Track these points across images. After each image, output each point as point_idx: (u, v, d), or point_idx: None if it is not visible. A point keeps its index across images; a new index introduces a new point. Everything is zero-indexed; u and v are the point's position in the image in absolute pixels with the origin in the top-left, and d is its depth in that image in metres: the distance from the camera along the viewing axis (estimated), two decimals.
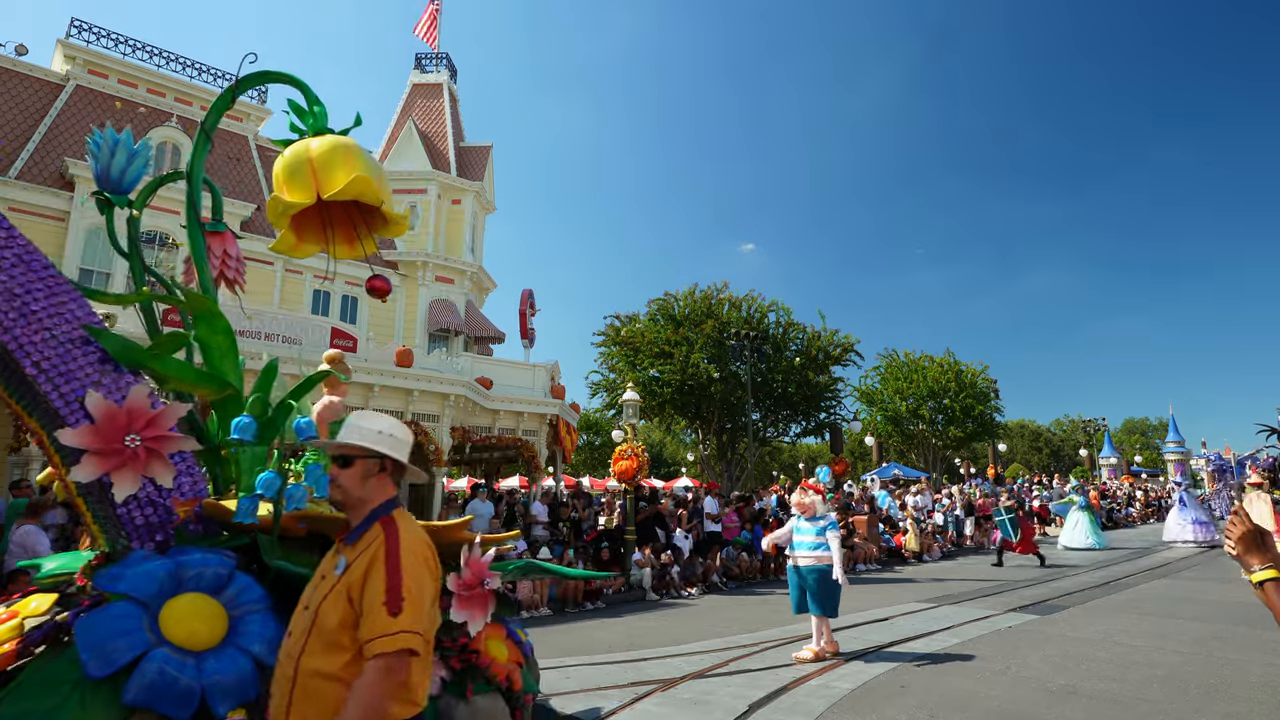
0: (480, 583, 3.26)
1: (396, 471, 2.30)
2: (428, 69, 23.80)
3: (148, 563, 2.82)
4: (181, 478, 3.20)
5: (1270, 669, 6.66)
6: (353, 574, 2.07)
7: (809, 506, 7.85)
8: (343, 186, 3.20)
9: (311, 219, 3.71)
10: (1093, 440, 51.54)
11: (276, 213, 3.35)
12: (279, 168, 3.35)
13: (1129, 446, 66.99)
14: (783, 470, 58.99)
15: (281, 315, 13.23)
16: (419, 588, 2.04)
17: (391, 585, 2.00)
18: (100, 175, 3.75)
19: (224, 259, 4.04)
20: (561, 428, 16.76)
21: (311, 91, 3.56)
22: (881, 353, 40.75)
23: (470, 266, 21.49)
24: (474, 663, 3.17)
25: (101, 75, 17.13)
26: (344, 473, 2.22)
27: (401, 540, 2.09)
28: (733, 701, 5.88)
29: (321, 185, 3.25)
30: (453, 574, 3.22)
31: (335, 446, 2.24)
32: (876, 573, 15.92)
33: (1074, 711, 5.54)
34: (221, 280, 4.08)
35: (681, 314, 27.30)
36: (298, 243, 3.63)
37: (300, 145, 3.35)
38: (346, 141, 3.39)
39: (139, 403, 2.99)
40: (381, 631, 1.94)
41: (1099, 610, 10.15)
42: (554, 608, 11.21)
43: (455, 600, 3.19)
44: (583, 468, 49.93)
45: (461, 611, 3.19)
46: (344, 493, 2.22)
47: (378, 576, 2.02)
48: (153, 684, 2.44)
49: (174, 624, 2.67)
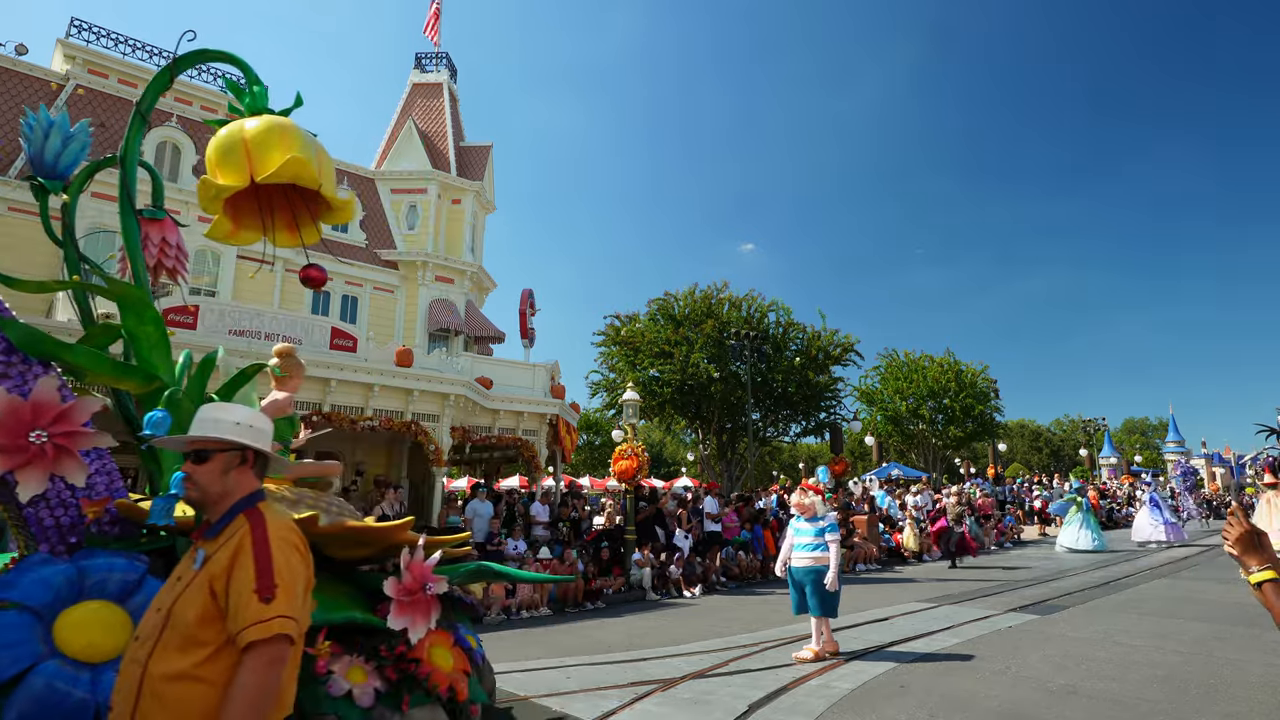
0: (422, 587, 3.10)
1: (260, 464, 2.17)
2: (428, 68, 23.79)
3: (44, 568, 2.62)
4: (96, 477, 2.98)
5: (1270, 669, 6.66)
6: (215, 564, 1.92)
7: (809, 507, 7.84)
8: (277, 169, 3.02)
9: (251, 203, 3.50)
10: (1093, 440, 51.51)
11: (208, 196, 3.17)
12: (211, 148, 3.16)
13: (1129, 446, 66.98)
14: (783, 470, 58.99)
15: (282, 315, 13.23)
16: (291, 573, 1.92)
17: (262, 570, 1.87)
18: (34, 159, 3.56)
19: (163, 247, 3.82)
20: (561, 428, 16.76)
21: (252, 70, 3.39)
22: (881, 353, 40.79)
23: (470, 266, 21.48)
24: (412, 672, 2.99)
25: (101, 75, 17.13)
26: (200, 468, 2.06)
27: (269, 526, 1.97)
28: (733, 701, 5.88)
29: (255, 167, 3.07)
30: (392, 579, 3.08)
31: (189, 441, 2.08)
32: (876, 573, 15.92)
33: (1074, 711, 5.54)
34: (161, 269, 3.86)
35: (681, 314, 27.29)
36: (234, 229, 3.46)
37: (235, 125, 3.17)
38: (283, 122, 3.21)
39: (47, 396, 2.77)
40: (255, 619, 1.81)
41: (1099, 610, 10.15)
42: (554, 608, 11.21)
43: (394, 606, 3.03)
44: (583, 468, 49.93)
45: (401, 618, 3.03)
46: (201, 489, 2.06)
47: (245, 563, 1.88)
48: (40, 699, 2.28)
49: (70, 634, 2.48)
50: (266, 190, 3.48)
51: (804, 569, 7.62)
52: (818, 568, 7.54)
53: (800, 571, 7.64)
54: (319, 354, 12.40)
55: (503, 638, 9.15)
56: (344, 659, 2.87)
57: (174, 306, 11.79)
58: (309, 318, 14.11)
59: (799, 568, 7.67)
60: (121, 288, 3.39)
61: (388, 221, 20.98)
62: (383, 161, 21.97)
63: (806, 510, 7.84)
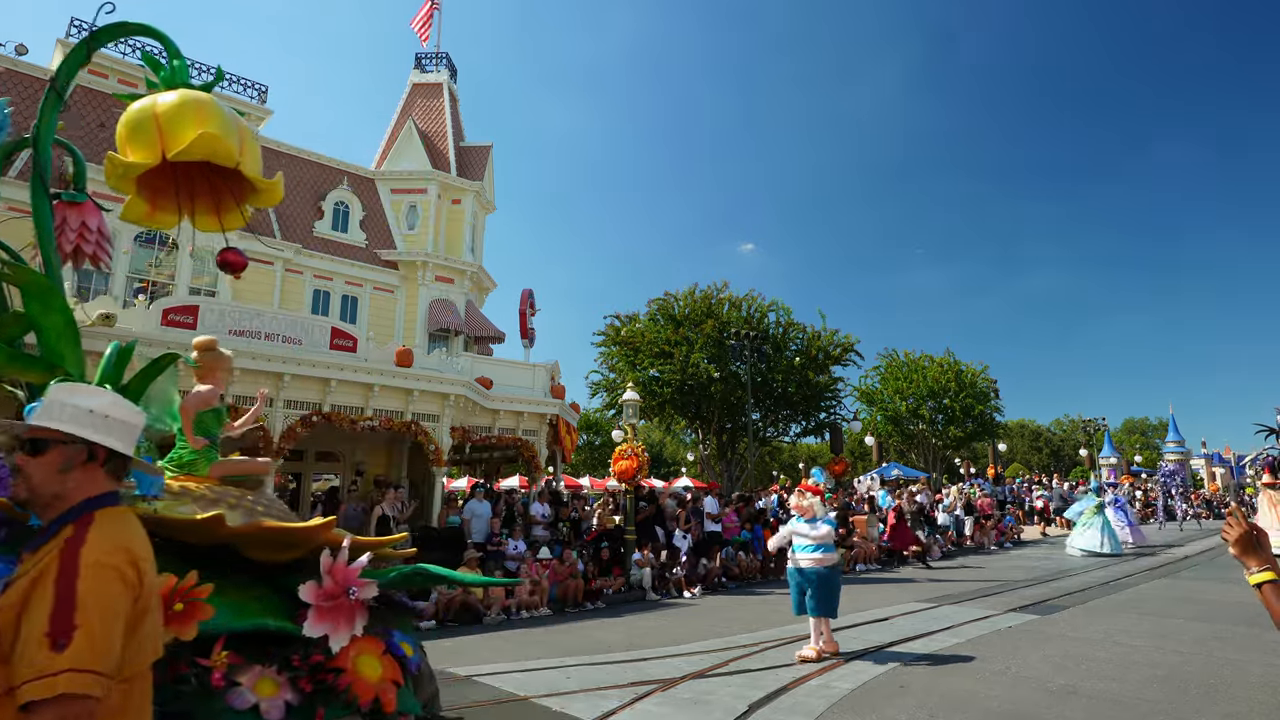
0: (345, 592, 2.91)
1: (115, 463, 1.79)
2: (428, 69, 23.79)
3: None
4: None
5: (1270, 669, 6.66)
6: (11, 594, 1.56)
7: (808, 509, 7.87)
8: (188, 145, 2.85)
9: (169, 183, 3.32)
10: (1093, 440, 51.46)
11: (116, 175, 2.98)
12: (121, 124, 2.99)
13: (1129, 446, 67.00)
14: (783, 470, 58.99)
15: (282, 315, 13.23)
16: (103, 611, 1.53)
17: (60, 607, 1.49)
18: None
19: (82, 232, 3.60)
20: (561, 428, 16.76)
21: (172, 44, 3.25)
22: (881, 353, 40.81)
23: (470, 266, 21.49)
24: (330, 683, 2.78)
25: (101, 75, 17.12)
26: (33, 461, 1.70)
27: (87, 548, 1.58)
28: (733, 701, 5.88)
29: (167, 143, 2.89)
30: (310, 583, 2.88)
31: (25, 428, 1.74)
32: (877, 573, 15.92)
33: (1074, 711, 5.54)
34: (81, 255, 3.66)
35: (681, 314, 27.30)
36: (151, 210, 3.29)
37: (148, 100, 2.99)
38: (199, 96, 3.03)
39: None
40: (37, 672, 1.43)
41: (1099, 610, 10.15)
42: (554, 608, 11.22)
43: (312, 612, 2.84)
44: (583, 468, 49.95)
45: (320, 625, 2.83)
46: (30, 488, 1.70)
47: (44, 595, 1.51)
48: None
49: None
50: (187, 170, 3.30)
51: (806, 569, 7.64)
52: (818, 569, 7.56)
53: (804, 571, 7.67)
54: (319, 354, 12.41)
55: (503, 638, 9.15)
56: (253, 669, 2.67)
57: (174, 306, 11.80)
58: (309, 318, 14.11)
59: (802, 568, 7.69)
60: (25, 275, 3.09)
61: (388, 221, 20.99)
62: (383, 161, 21.97)
63: (806, 511, 7.86)
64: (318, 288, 18.99)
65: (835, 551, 7.85)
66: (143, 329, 10.80)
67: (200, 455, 3.59)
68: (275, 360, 11.77)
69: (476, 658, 7.74)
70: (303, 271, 18.62)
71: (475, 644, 8.73)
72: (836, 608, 7.66)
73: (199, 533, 2.93)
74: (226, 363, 3.85)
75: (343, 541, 3.07)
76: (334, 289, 19.29)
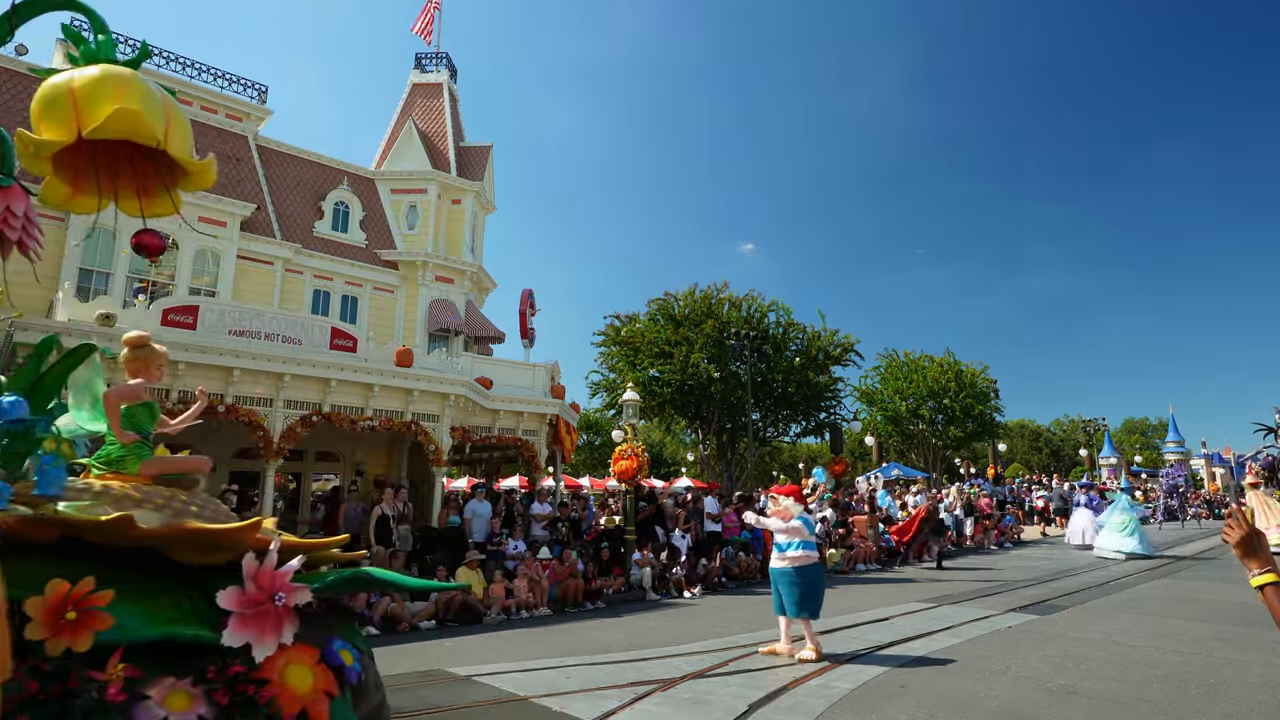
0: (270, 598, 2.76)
1: None
2: (428, 69, 23.79)
3: None
4: None
5: (1270, 669, 6.67)
6: None
7: (783, 511, 7.87)
8: (103, 121, 2.69)
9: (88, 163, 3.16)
10: (1093, 440, 51.55)
11: (27, 153, 2.83)
12: (35, 99, 2.84)
13: (1129, 446, 67.02)
14: (783, 470, 59.00)
15: (282, 315, 13.22)
16: None
17: None
18: None
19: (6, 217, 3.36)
20: (561, 428, 16.76)
21: (98, 18, 3.10)
22: (881, 353, 40.83)
23: (470, 266, 21.49)
24: (250, 695, 2.63)
25: None
26: None
27: None
28: (733, 701, 5.88)
29: (83, 120, 2.74)
30: (230, 589, 2.73)
31: None
32: (876, 573, 15.93)
33: (1074, 711, 5.54)
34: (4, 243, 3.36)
35: (681, 314, 27.31)
36: (72, 193, 3.14)
37: (65, 75, 2.84)
38: (120, 71, 2.87)
39: None
40: None
41: (1099, 610, 10.15)
42: (554, 608, 11.22)
43: (233, 620, 2.68)
44: (583, 468, 49.95)
45: (241, 633, 2.66)
46: None
47: None
48: None
49: None
50: (112, 150, 3.14)
51: (778, 570, 7.65)
52: (787, 569, 7.53)
53: (775, 573, 7.68)
54: (319, 354, 12.41)
55: (503, 638, 9.16)
56: (164, 681, 2.50)
57: (174, 306, 11.79)
58: (309, 318, 14.11)
59: (773, 569, 7.70)
60: None
61: (388, 221, 20.98)
62: (383, 162, 21.97)
63: (783, 515, 7.85)
64: (318, 288, 18.98)
65: (814, 550, 7.72)
66: (142, 329, 10.79)
67: (129, 452, 3.42)
68: (275, 360, 11.77)
69: (476, 658, 7.75)
70: (303, 271, 18.62)
71: (475, 644, 8.74)
72: (817, 608, 7.55)
73: (107, 534, 2.74)
74: (160, 359, 3.73)
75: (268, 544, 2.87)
76: (334, 289, 19.28)
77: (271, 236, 17.82)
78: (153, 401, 3.60)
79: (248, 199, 17.53)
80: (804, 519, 7.81)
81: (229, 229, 16.88)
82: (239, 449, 14.48)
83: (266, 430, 11.71)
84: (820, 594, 7.63)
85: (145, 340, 3.69)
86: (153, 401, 3.60)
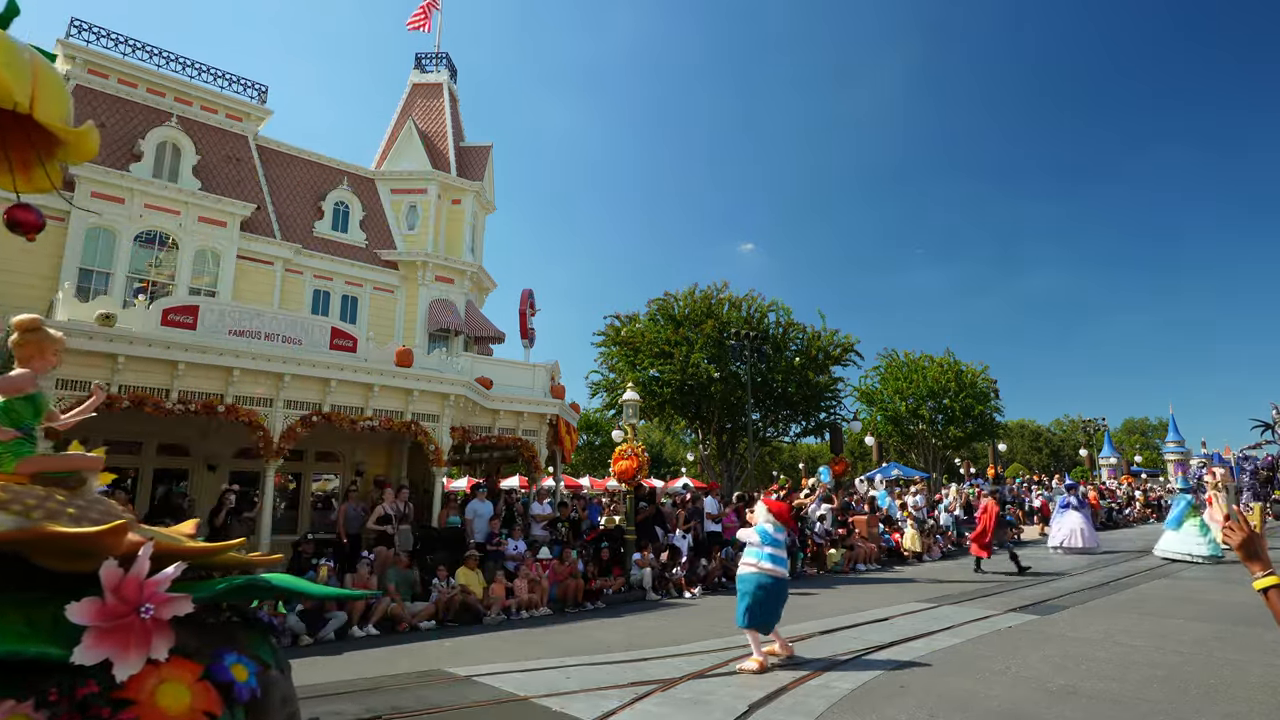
0: (135, 610, 2.50)
1: None
2: (428, 69, 23.79)
3: None
4: None
5: (1270, 669, 6.67)
6: None
7: (754, 517, 7.76)
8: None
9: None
10: (1093, 440, 51.59)
11: None
12: None
13: (1129, 446, 67.03)
14: (783, 470, 59.02)
15: (282, 315, 13.22)
16: None
17: None
18: None
19: None
20: (561, 428, 16.77)
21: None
22: (881, 353, 40.88)
23: (470, 266, 21.48)
24: (103, 718, 2.39)
25: (101, 75, 17.11)
26: None
27: None
28: (733, 701, 5.88)
29: None
30: (84, 601, 2.46)
31: None
32: (876, 573, 15.93)
33: (1074, 711, 5.55)
34: None
35: (681, 314, 27.33)
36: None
37: None
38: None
39: None
40: None
41: (1099, 610, 10.15)
42: (554, 608, 11.22)
43: (90, 635, 2.42)
44: (583, 468, 49.95)
45: (99, 649, 2.40)
46: None
47: None
48: None
49: None
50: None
51: (739, 574, 7.47)
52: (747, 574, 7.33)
53: (738, 577, 7.48)
54: (319, 354, 12.41)
55: (502, 638, 9.16)
56: (3, 705, 2.27)
57: (174, 306, 11.79)
58: (309, 318, 14.10)
59: (738, 574, 7.52)
60: None
61: (388, 222, 20.99)
62: (383, 162, 21.97)
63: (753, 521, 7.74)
64: (318, 288, 18.98)
65: (782, 565, 7.42)
66: (142, 329, 10.79)
67: (6, 449, 3.17)
68: (275, 360, 11.77)
69: (476, 658, 7.75)
70: (303, 271, 18.61)
71: (475, 644, 8.75)
72: (767, 625, 7.18)
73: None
74: (55, 344, 3.44)
75: (137, 549, 2.61)
76: (334, 289, 19.28)
77: (271, 236, 17.82)
78: (38, 394, 3.35)
79: (248, 199, 17.53)
80: (761, 530, 7.49)
81: (229, 229, 16.89)
82: (239, 449, 14.49)
83: (266, 430, 11.71)
84: (775, 610, 7.22)
85: (37, 323, 3.40)
86: (38, 394, 3.35)
